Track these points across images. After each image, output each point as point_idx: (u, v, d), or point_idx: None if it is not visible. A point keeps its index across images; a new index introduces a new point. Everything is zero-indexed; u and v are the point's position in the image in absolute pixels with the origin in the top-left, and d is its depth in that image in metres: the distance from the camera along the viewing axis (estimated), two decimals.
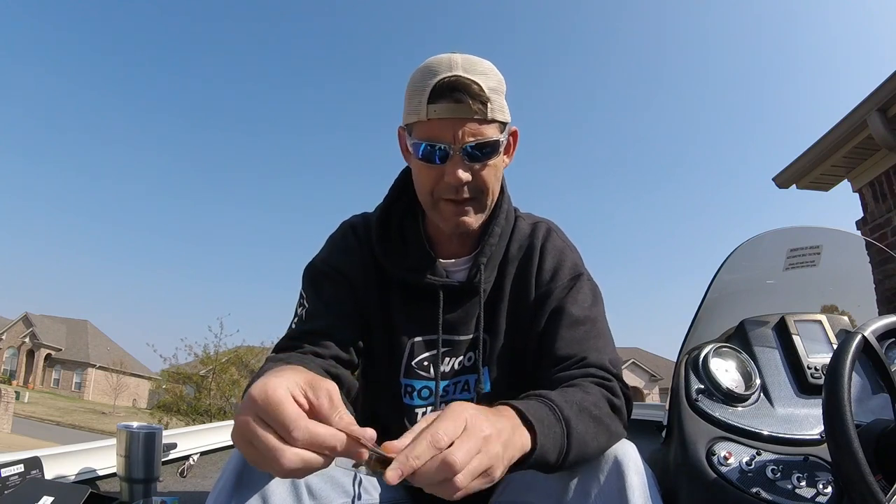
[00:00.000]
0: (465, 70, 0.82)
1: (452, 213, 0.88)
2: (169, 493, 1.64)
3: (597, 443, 0.74)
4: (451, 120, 0.82)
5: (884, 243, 3.24)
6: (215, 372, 15.57)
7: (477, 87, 0.81)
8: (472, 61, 0.84)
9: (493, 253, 0.94)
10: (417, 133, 0.85)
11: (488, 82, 0.83)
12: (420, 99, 0.83)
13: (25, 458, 1.31)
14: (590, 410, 0.74)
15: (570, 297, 0.92)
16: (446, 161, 0.84)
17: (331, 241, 1.00)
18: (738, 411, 0.99)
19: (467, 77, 0.81)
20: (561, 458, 0.69)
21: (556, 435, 0.68)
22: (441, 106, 0.81)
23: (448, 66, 0.83)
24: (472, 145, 0.83)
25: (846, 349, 0.79)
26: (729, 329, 1.20)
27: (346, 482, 0.82)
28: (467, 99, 0.81)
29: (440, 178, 0.85)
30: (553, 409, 0.69)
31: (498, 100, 0.85)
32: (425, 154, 0.84)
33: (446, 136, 0.82)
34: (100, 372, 39.01)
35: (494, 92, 0.84)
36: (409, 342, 0.93)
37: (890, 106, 3.07)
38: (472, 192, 0.86)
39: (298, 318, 0.93)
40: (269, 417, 0.50)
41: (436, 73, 0.82)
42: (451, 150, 0.83)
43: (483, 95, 0.81)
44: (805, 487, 0.85)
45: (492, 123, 0.84)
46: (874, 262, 1.49)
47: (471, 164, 0.84)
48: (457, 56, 0.84)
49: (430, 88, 0.81)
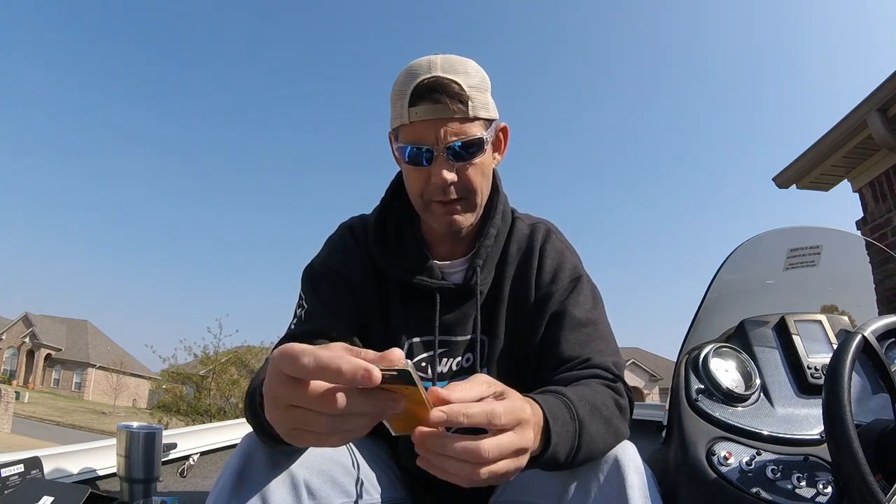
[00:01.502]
0: (444, 70, 0.82)
1: (443, 214, 0.88)
2: (169, 493, 1.64)
3: (604, 444, 0.74)
4: (433, 121, 0.82)
5: (884, 243, 3.24)
6: (215, 372, 15.57)
7: (456, 87, 0.81)
8: (451, 61, 0.84)
9: (489, 254, 0.94)
10: (402, 137, 0.85)
11: (469, 80, 0.83)
12: (402, 102, 0.83)
13: (25, 458, 1.31)
14: (601, 411, 0.74)
15: (570, 299, 0.92)
16: (432, 162, 0.84)
17: (329, 243, 1.00)
18: (738, 411, 0.99)
19: (446, 77, 0.81)
20: (570, 458, 0.69)
21: (569, 434, 0.68)
22: (422, 108, 0.82)
23: (427, 68, 0.83)
24: (456, 144, 0.83)
25: (846, 349, 0.79)
26: (729, 329, 1.20)
27: (346, 482, 0.82)
28: (446, 99, 0.81)
29: (428, 180, 0.86)
30: (569, 408, 0.69)
31: (480, 97, 0.85)
32: (411, 157, 0.85)
33: (429, 138, 0.83)
34: (100, 372, 39.00)
35: (476, 90, 0.84)
36: (407, 343, 0.93)
37: (890, 106, 3.07)
38: (460, 191, 0.87)
39: (298, 318, 0.93)
40: (287, 364, 0.48)
41: (416, 76, 0.83)
42: (435, 150, 0.83)
43: (463, 94, 0.82)
44: (805, 487, 0.85)
45: (475, 121, 0.84)
46: (874, 262, 1.49)
47: (456, 164, 0.84)
48: (437, 57, 0.84)
49: (410, 91, 0.82)
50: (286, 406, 0.50)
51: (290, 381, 0.49)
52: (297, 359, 0.47)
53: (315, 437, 0.51)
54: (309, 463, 0.76)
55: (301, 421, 0.50)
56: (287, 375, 0.49)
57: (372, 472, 0.89)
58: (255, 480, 0.72)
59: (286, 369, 0.48)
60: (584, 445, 0.70)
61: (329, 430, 0.49)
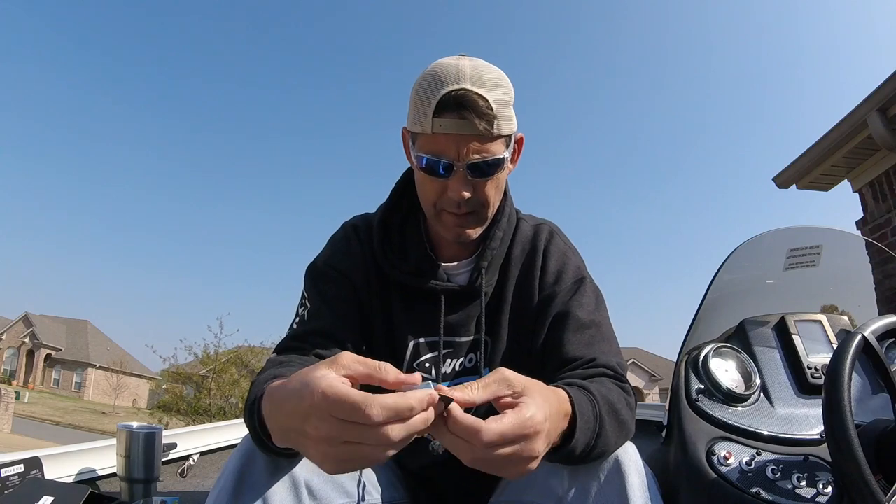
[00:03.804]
0: (472, 83, 0.79)
1: (454, 225, 0.87)
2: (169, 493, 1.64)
3: (616, 444, 0.75)
4: (456, 136, 0.80)
5: (884, 243, 3.24)
6: (215, 372, 15.57)
7: (484, 104, 0.78)
8: (480, 72, 0.81)
9: (494, 256, 0.94)
10: (421, 145, 0.83)
11: (496, 95, 0.81)
12: (425, 111, 0.80)
13: (25, 458, 1.31)
14: (618, 412, 0.75)
15: (574, 300, 0.91)
16: (450, 175, 0.82)
17: (332, 242, 1.00)
18: (738, 411, 0.99)
19: (475, 91, 0.79)
20: (585, 455, 0.69)
21: (590, 431, 0.69)
22: (446, 121, 0.79)
23: (455, 77, 0.80)
24: (478, 162, 0.81)
25: (846, 349, 0.79)
26: (729, 329, 1.20)
27: (347, 483, 0.82)
28: (473, 116, 0.78)
29: (443, 191, 0.84)
30: (593, 405, 0.70)
31: (505, 113, 0.82)
32: (429, 167, 0.83)
33: (450, 152, 0.81)
34: (100, 372, 39.01)
35: (502, 105, 0.81)
36: (411, 343, 0.93)
37: (890, 106, 3.07)
38: (474, 206, 0.86)
39: (300, 318, 0.93)
40: (346, 411, 0.50)
41: (442, 84, 0.79)
42: (455, 165, 0.81)
43: (490, 114, 0.79)
44: (805, 487, 0.85)
45: (497, 139, 0.82)
46: (874, 262, 1.50)
47: (474, 180, 0.83)
48: (465, 64, 0.81)
49: (435, 101, 0.79)
50: (340, 443, 0.51)
51: (346, 424, 0.50)
52: (361, 411, 0.49)
53: (369, 463, 0.53)
54: (310, 463, 0.76)
55: (355, 454, 0.52)
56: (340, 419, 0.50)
57: (373, 473, 0.89)
58: (255, 481, 0.72)
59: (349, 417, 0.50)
60: (599, 445, 0.70)
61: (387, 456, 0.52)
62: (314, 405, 0.51)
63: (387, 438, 0.50)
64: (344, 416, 0.50)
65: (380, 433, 0.49)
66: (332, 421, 0.50)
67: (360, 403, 0.49)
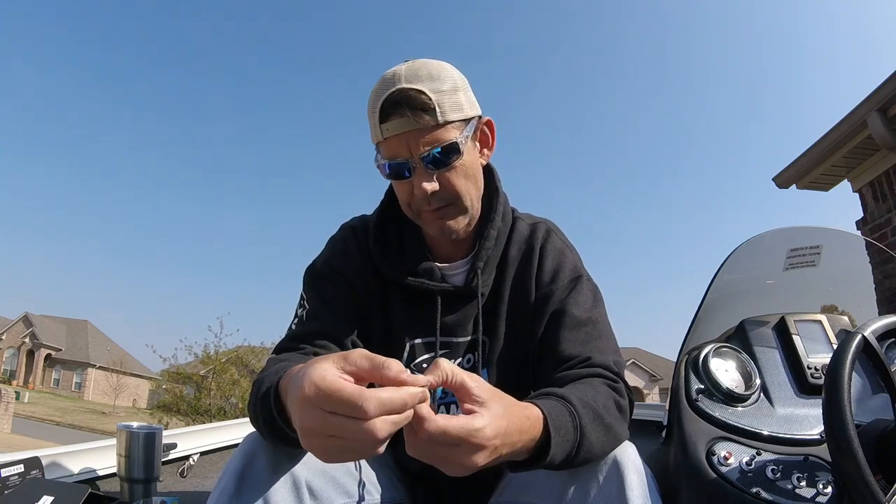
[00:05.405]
0: (407, 81, 0.81)
1: (433, 221, 0.88)
2: (169, 493, 1.64)
3: (603, 450, 0.75)
4: (403, 135, 0.81)
5: (884, 243, 3.24)
6: (215, 372, 15.56)
7: (422, 96, 0.80)
8: (415, 68, 0.83)
9: (490, 255, 0.94)
10: (382, 153, 0.85)
11: (435, 84, 0.82)
12: (374, 121, 0.83)
13: (25, 458, 1.31)
14: (603, 418, 0.74)
15: (570, 298, 0.91)
16: (412, 174, 0.84)
17: (331, 243, 1.00)
18: (738, 411, 0.99)
19: (410, 88, 0.80)
20: (566, 463, 0.70)
21: (569, 444, 0.69)
22: (391, 123, 0.81)
23: (392, 81, 0.82)
24: (433, 153, 0.82)
25: (846, 349, 0.79)
26: (729, 329, 1.20)
27: (347, 482, 0.82)
28: (414, 111, 0.80)
29: (412, 192, 0.85)
30: (573, 415, 0.70)
31: (450, 99, 0.83)
32: (392, 172, 0.85)
33: (403, 152, 0.82)
34: (100, 372, 39.00)
35: (445, 93, 0.82)
36: (408, 344, 0.93)
37: (890, 106, 3.07)
38: (445, 198, 0.86)
39: (299, 318, 0.93)
40: (335, 404, 0.50)
41: (383, 90, 0.82)
42: (412, 163, 0.83)
43: (428, 103, 0.80)
44: (805, 487, 0.85)
45: (446, 126, 0.83)
46: (874, 262, 1.50)
47: (436, 171, 0.84)
48: (402, 67, 0.83)
49: (378, 108, 0.82)
50: (325, 437, 0.52)
51: (335, 416, 0.51)
52: (356, 405, 0.50)
53: (360, 455, 0.54)
54: (310, 463, 0.76)
55: (344, 447, 0.52)
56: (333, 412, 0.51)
57: (373, 473, 0.89)
58: (256, 481, 0.72)
59: (341, 410, 0.50)
60: (582, 453, 0.71)
61: (376, 449, 0.53)
62: (304, 396, 0.51)
63: (373, 434, 0.50)
64: (335, 410, 0.50)
65: (365, 428, 0.50)
66: (318, 413, 0.51)
67: (354, 397, 0.50)
